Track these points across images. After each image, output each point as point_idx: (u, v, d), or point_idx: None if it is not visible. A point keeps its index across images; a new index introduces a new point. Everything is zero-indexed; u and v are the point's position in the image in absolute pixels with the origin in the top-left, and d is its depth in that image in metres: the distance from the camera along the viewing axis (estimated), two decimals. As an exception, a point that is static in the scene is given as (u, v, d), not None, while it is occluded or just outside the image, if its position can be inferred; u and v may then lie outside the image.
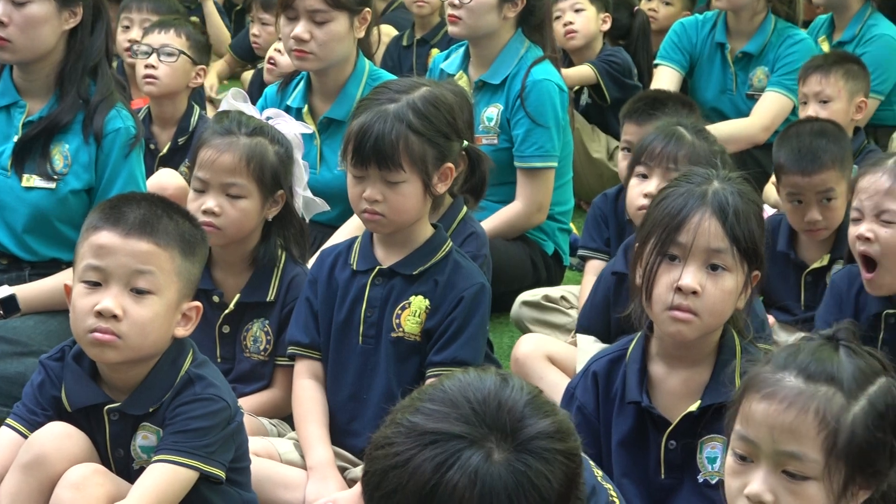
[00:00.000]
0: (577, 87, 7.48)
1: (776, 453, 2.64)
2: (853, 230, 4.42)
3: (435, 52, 7.50)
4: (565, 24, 7.79)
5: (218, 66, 9.32)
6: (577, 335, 4.82)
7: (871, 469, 2.66)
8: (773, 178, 5.68)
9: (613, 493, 3.00)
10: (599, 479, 3.03)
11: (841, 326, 2.77)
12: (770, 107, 6.94)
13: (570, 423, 2.55)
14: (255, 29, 8.30)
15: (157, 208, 3.59)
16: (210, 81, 8.51)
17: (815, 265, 5.26)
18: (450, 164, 4.25)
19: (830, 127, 5.50)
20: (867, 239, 4.36)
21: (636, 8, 8.44)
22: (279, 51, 6.84)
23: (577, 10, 7.96)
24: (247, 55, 9.02)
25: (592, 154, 7.33)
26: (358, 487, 3.73)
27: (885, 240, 4.34)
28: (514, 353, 4.79)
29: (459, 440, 2.49)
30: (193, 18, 9.09)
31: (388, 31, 8.65)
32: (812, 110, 6.17)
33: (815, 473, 2.64)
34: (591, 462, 3.03)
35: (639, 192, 4.61)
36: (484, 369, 2.62)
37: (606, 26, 7.82)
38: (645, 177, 4.64)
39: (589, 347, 4.53)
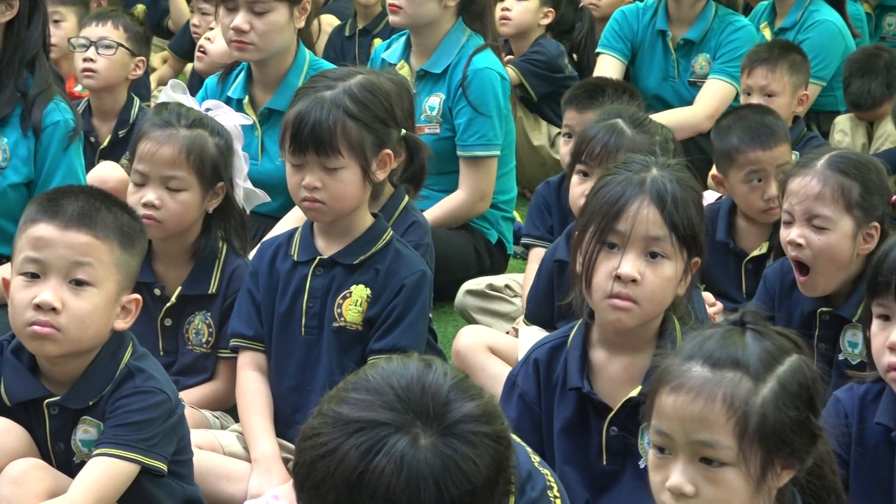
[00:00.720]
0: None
1: (690, 443, 2.65)
2: (784, 233, 4.43)
3: (377, 42, 7.48)
4: (502, 10, 7.79)
5: (161, 71, 9.28)
6: (518, 325, 4.85)
7: (788, 448, 2.67)
8: (713, 171, 5.68)
9: (551, 479, 3.02)
10: (536, 464, 3.05)
11: (747, 310, 2.79)
12: (714, 94, 6.96)
13: (497, 407, 2.56)
14: (195, 19, 8.28)
15: (96, 201, 3.59)
16: (153, 87, 8.47)
17: (755, 253, 5.30)
18: (388, 151, 4.27)
19: (770, 108, 5.58)
20: (798, 245, 4.38)
21: (581, 5, 8.44)
22: (209, 38, 6.83)
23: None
24: (188, 53, 8.96)
25: (534, 142, 7.35)
26: None
27: (817, 246, 4.35)
28: (454, 345, 4.81)
29: (385, 427, 2.50)
30: (140, 7, 9.13)
31: (329, 21, 8.64)
32: (756, 101, 6.20)
33: (730, 459, 2.65)
34: (528, 448, 3.04)
35: (580, 192, 4.60)
36: (408, 356, 2.63)
37: (546, 20, 7.81)
38: (586, 175, 4.65)
39: (530, 337, 4.54)
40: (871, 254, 4.27)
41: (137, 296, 3.63)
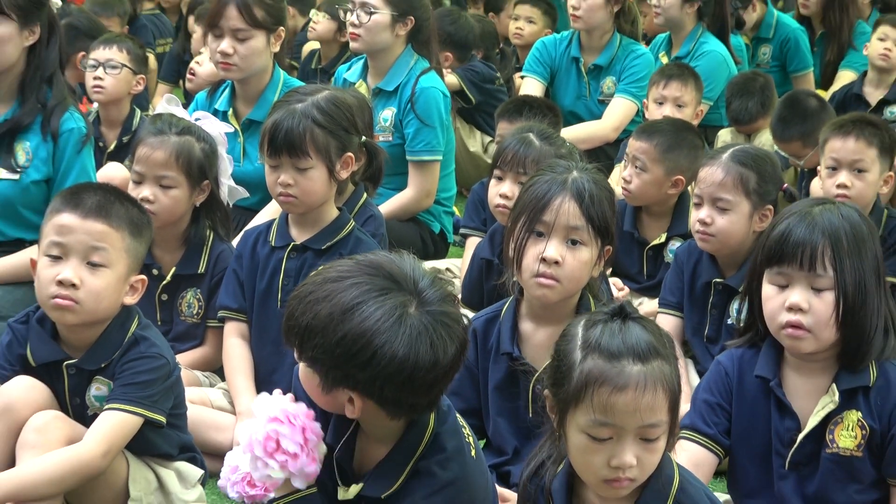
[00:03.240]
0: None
1: (640, 428, 2.64)
2: (695, 214, 4.51)
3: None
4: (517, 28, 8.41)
5: (155, 102, 9.20)
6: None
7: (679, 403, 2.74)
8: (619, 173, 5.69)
9: (468, 430, 3.01)
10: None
11: (624, 302, 2.79)
12: (619, 110, 6.98)
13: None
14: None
15: (111, 195, 3.59)
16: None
17: (655, 242, 5.28)
18: (350, 154, 4.29)
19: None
20: (705, 222, 4.47)
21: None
22: (198, 62, 6.81)
23: (529, 21, 8.20)
24: (174, 76, 8.84)
25: (470, 148, 7.33)
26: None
27: (720, 224, 4.46)
28: None
29: (386, 280, 2.74)
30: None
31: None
32: (669, 111, 6.23)
33: (663, 431, 2.68)
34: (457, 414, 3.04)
35: (495, 193, 4.64)
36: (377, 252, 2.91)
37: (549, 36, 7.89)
38: (500, 178, 4.67)
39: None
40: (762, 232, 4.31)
41: (143, 276, 3.64)
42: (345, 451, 2.93)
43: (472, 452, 2.94)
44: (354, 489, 2.88)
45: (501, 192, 4.60)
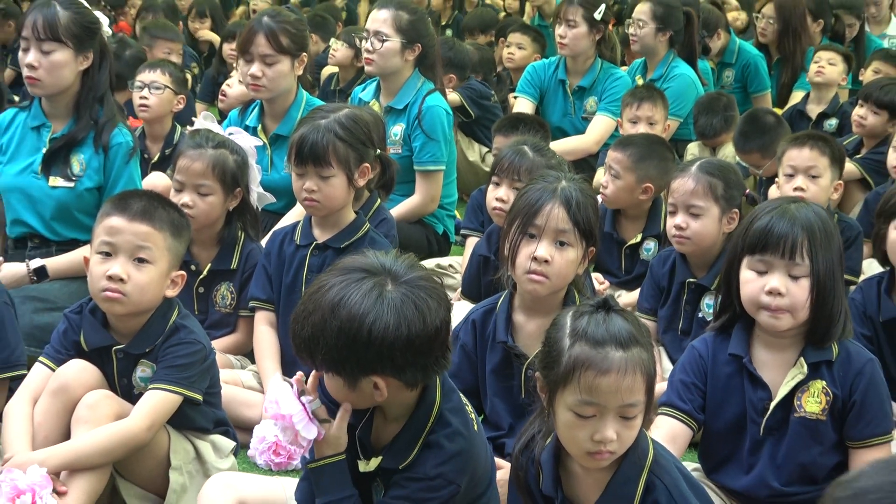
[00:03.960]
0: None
1: (620, 407, 2.65)
2: (671, 220, 4.51)
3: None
4: (509, 53, 8.40)
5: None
6: (461, 299, 4.87)
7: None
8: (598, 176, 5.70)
9: (470, 408, 3.00)
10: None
11: (607, 296, 2.79)
12: (600, 127, 6.97)
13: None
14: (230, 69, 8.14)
15: (154, 201, 3.59)
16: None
17: (631, 241, 5.28)
18: (367, 165, 4.28)
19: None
20: (681, 227, 4.46)
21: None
22: (229, 85, 6.80)
23: (520, 47, 8.22)
24: (210, 97, 8.80)
25: (469, 158, 7.33)
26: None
27: (694, 227, 4.45)
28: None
29: (360, 272, 2.75)
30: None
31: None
32: (641, 129, 6.22)
33: (640, 410, 2.69)
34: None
35: (492, 197, 4.62)
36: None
37: (538, 60, 7.92)
38: (498, 184, 4.66)
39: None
40: (731, 234, 4.35)
41: (183, 272, 3.63)
42: (364, 429, 2.93)
43: (475, 427, 2.94)
44: (374, 462, 2.88)
45: (498, 196, 4.59)
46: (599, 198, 5.12)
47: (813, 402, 3.32)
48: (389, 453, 2.87)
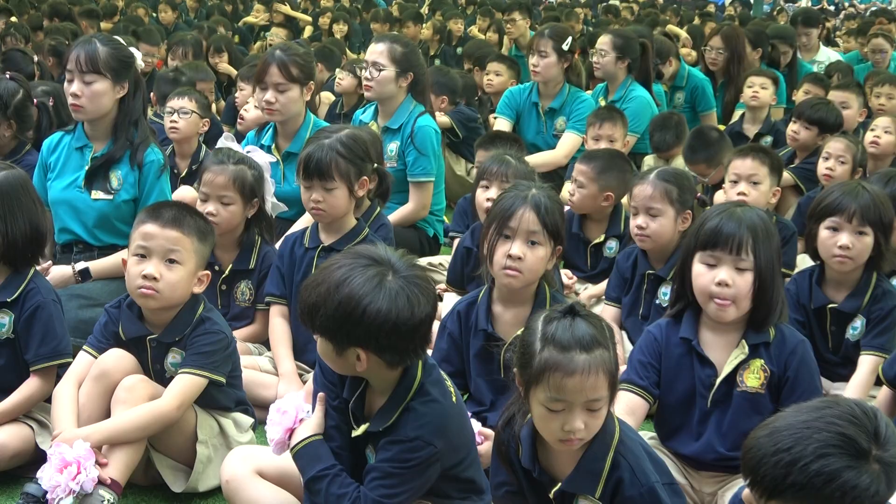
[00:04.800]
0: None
1: (585, 402, 2.64)
2: (633, 221, 4.53)
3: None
4: (488, 79, 8.32)
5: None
6: (447, 290, 4.87)
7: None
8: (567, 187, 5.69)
9: (450, 383, 3.01)
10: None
11: (574, 302, 2.79)
12: (569, 143, 6.94)
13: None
14: (236, 93, 8.14)
15: (183, 210, 3.60)
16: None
17: (595, 241, 5.27)
18: (365, 178, 4.29)
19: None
20: (642, 227, 4.48)
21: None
22: (246, 110, 6.79)
23: (497, 74, 8.21)
24: (232, 120, 8.71)
25: (456, 172, 7.31)
26: (307, 386, 3.74)
27: (653, 227, 4.48)
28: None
29: (366, 260, 2.79)
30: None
31: (327, 96, 8.57)
32: (603, 145, 6.19)
33: (604, 403, 2.68)
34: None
35: (483, 198, 4.62)
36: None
37: (515, 85, 7.92)
38: (487, 187, 4.66)
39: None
40: (685, 232, 4.38)
41: (208, 272, 3.63)
42: (357, 403, 2.95)
43: (453, 399, 2.94)
44: (363, 427, 2.90)
45: (489, 196, 4.58)
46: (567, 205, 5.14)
47: (753, 378, 3.34)
48: (375, 419, 2.89)
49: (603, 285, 4.93)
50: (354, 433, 2.92)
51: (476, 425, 3.38)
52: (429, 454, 2.82)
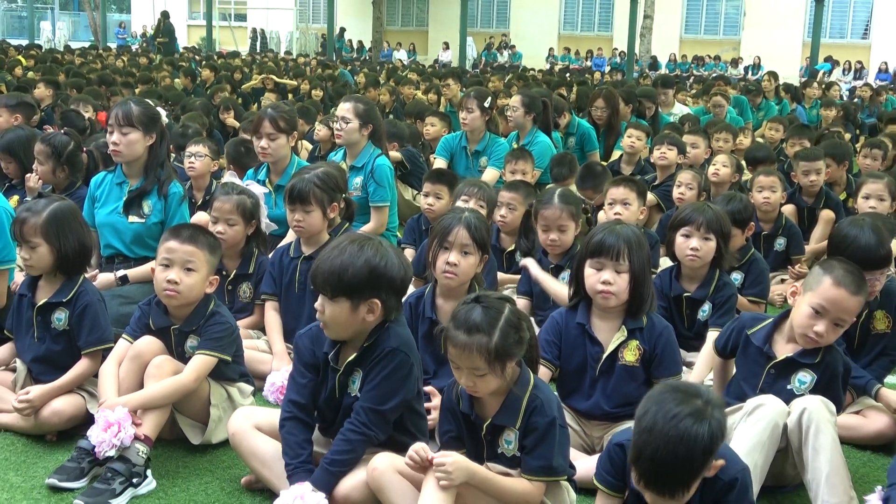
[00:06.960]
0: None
1: (469, 369, 2.65)
2: (545, 235, 4.53)
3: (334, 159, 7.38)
4: (426, 129, 8.23)
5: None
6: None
7: (511, 355, 2.68)
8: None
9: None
10: None
11: (480, 293, 2.76)
12: (491, 177, 6.90)
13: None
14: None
15: (198, 230, 3.55)
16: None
17: (509, 249, 5.21)
18: (336, 203, 4.26)
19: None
20: (553, 240, 4.50)
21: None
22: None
23: (432, 125, 8.21)
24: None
25: (405, 198, 7.29)
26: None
27: (561, 238, 4.51)
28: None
29: (365, 237, 2.93)
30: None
31: (307, 146, 8.52)
32: (518, 177, 6.14)
33: (486, 371, 2.65)
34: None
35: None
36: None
37: (449, 133, 7.83)
38: (466, 201, 4.78)
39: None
40: (579, 236, 4.46)
41: (217, 277, 3.58)
42: (334, 357, 2.99)
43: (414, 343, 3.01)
44: (347, 361, 2.96)
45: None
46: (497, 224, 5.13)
47: (630, 354, 3.34)
48: (358, 353, 2.93)
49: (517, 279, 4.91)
50: (338, 368, 2.96)
51: (426, 387, 3.39)
52: (409, 367, 2.88)
